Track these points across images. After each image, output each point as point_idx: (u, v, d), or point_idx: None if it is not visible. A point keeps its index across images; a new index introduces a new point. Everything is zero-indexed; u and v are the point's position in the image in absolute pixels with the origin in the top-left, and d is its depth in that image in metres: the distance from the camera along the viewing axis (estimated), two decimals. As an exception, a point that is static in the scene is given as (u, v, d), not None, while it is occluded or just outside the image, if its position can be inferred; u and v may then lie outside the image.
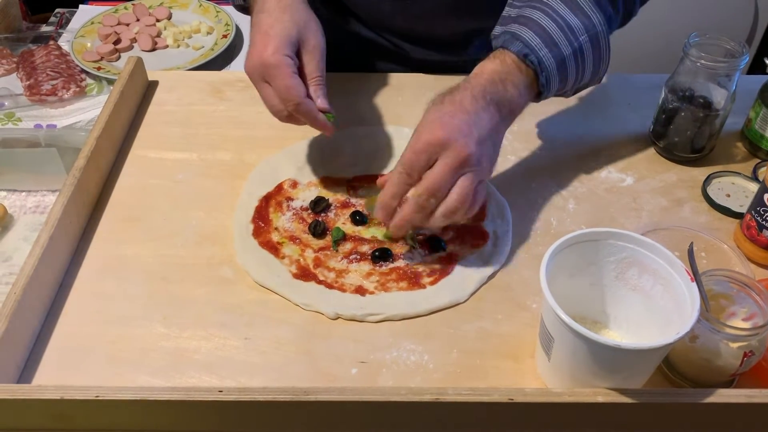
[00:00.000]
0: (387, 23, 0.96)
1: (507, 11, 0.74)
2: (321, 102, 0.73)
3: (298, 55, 0.72)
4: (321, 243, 0.74)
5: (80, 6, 1.33)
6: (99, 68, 1.11)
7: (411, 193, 0.65)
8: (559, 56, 0.68)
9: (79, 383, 0.57)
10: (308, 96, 0.72)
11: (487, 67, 0.69)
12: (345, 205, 0.78)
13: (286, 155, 0.84)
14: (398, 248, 0.73)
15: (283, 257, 0.72)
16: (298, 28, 0.73)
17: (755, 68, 1.82)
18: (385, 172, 0.81)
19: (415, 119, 0.88)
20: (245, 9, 0.86)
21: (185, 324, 0.66)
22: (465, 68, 0.72)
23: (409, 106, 0.91)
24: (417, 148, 0.65)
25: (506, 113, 0.68)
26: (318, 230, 0.74)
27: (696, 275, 0.56)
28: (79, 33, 1.20)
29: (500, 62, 0.69)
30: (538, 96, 0.71)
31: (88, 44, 1.18)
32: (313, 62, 0.73)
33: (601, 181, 0.82)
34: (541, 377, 0.62)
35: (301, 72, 0.72)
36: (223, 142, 0.87)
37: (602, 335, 0.62)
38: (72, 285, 0.70)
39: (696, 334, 0.57)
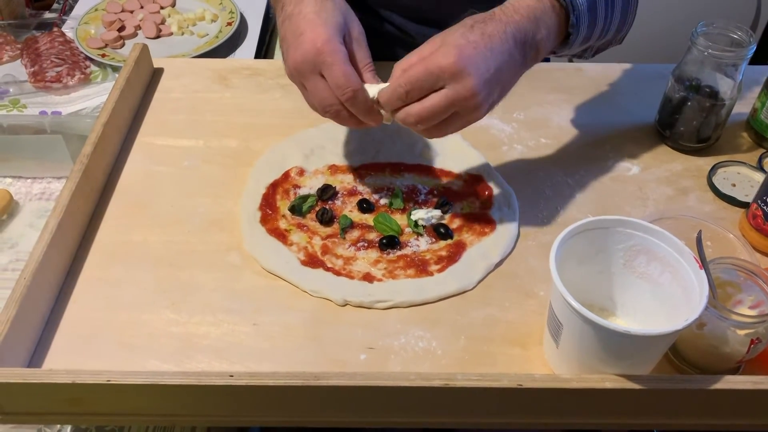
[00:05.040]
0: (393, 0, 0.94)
1: None
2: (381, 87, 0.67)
3: (344, 44, 0.68)
4: (328, 230, 0.74)
5: (84, -8, 1.32)
6: (103, 55, 1.11)
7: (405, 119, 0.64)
8: None
9: (88, 368, 0.57)
10: None
11: (525, 1, 0.66)
12: (352, 192, 0.78)
13: (293, 143, 0.84)
14: (405, 236, 0.73)
15: (290, 244, 0.72)
16: (343, 15, 0.68)
17: (759, 58, 1.82)
18: (393, 160, 0.81)
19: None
20: None
21: (194, 310, 0.67)
22: None
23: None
24: (430, 69, 0.61)
25: (531, 57, 0.67)
26: (325, 218, 0.74)
27: (704, 263, 0.56)
28: (83, 20, 1.19)
29: None
30: (565, 41, 0.70)
31: (92, 31, 1.17)
32: (362, 49, 0.69)
33: (607, 170, 0.82)
34: (548, 364, 0.62)
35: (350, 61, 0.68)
36: (229, 130, 0.87)
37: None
38: (80, 271, 0.70)
39: (704, 321, 0.58)
